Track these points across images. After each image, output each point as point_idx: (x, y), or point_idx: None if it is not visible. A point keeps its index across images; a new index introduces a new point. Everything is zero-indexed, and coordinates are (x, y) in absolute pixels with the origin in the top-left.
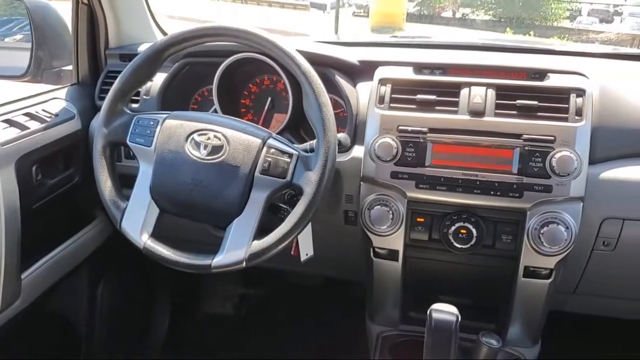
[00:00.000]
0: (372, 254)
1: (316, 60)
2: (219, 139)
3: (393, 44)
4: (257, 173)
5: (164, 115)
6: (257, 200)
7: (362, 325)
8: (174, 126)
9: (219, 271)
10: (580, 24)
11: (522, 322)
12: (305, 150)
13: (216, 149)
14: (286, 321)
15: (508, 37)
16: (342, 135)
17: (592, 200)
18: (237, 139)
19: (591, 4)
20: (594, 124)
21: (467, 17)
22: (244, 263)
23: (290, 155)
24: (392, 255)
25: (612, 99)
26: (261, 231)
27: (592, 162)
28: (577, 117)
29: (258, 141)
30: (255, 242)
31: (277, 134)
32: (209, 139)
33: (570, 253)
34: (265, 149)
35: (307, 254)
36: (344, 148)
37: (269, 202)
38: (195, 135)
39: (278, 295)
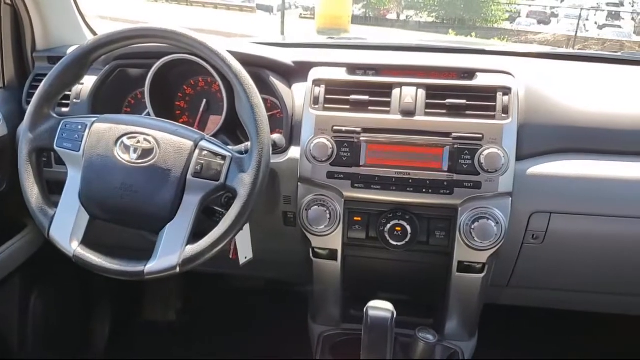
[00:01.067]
0: (311, 255)
1: (250, 61)
2: (149, 142)
3: (328, 45)
4: (189, 176)
5: (93, 119)
6: (190, 203)
7: (305, 326)
8: (103, 130)
9: (153, 278)
10: (520, 25)
11: (459, 316)
12: (240, 152)
13: (146, 153)
14: (229, 325)
15: (450, 39)
16: (277, 136)
17: (520, 195)
18: (168, 141)
19: (529, 6)
20: (520, 121)
21: (411, 19)
22: (178, 268)
23: (223, 157)
24: (331, 255)
25: (537, 97)
26: (196, 235)
27: (519, 158)
28: (503, 115)
29: (190, 143)
30: (189, 246)
31: (213, 135)
32: (138, 142)
33: (502, 247)
34: (197, 151)
35: (246, 257)
36: (279, 149)
37: (203, 206)
38: (124, 139)
39: (221, 298)
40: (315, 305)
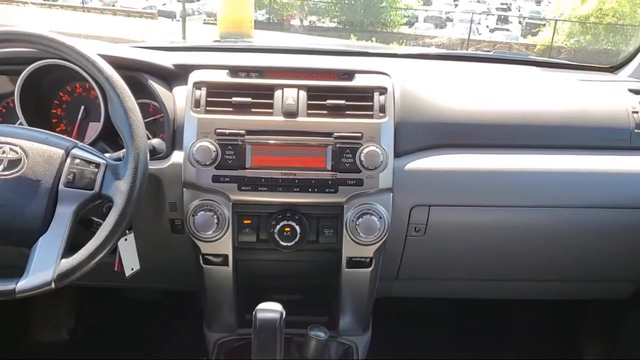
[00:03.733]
0: (201, 261)
1: (125, 65)
2: (16, 152)
3: (213, 48)
4: (61, 186)
5: None
6: (64, 215)
7: (202, 334)
8: None
9: (25, 295)
10: (418, 29)
11: (351, 311)
12: (117, 159)
13: (13, 163)
14: (125, 339)
15: (352, 43)
16: (156, 141)
17: (400, 190)
18: (37, 151)
19: (426, 11)
20: (396, 119)
21: (314, 24)
22: (53, 284)
23: (97, 165)
24: (221, 260)
25: (412, 96)
26: (72, 248)
27: (397, 155)
28: (381, 114)
29: (60, 152)
30: (64, 260)
31: (91, 143)
32: (4, 152)
33: (387, 241)
34: (69, 159)
35: (132, 269)
36: (160, 154)
37: (78, 217)
38: None
39: (116, 312)
40: (209, 313)
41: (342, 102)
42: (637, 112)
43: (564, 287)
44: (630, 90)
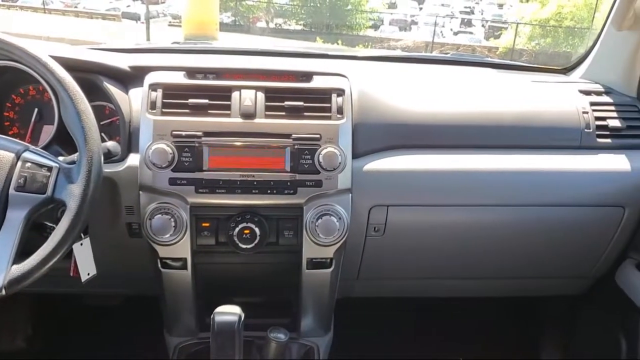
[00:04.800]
0: (159, 265)
1: (79, 67)
2: None
3: (172, 49)
4: (11, 190)
5: None
6: (14, 220)
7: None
8: None
9: None
10: (383, 32)
11: (313, 312)
12: (71, 162)
13: None
14: (85, 346)
15: (312, 45)
16: (111, 144)
17: (359, 190)
18: None
19: (391, 14)
20: (354, 121)
21: (280, 26)
22: (3, 291)
23: (49, 169)
24: (180, 264)
25: (369, 98)
26: (25, 254)
27: (355, 156)
28: (339, 116)
29: (10, 155)
30: (15, 266)
31: (45, 146)
32: None
33: (347, 241)
34: (20, 163)
35: (88, 274)
36: (115, 157)
37: (30, 221)
38: None
39: (76, 320)
40: (169, 317)
41: (300, 103)
42: (587, 113)
43: (521, 284)
44: (581, 91)
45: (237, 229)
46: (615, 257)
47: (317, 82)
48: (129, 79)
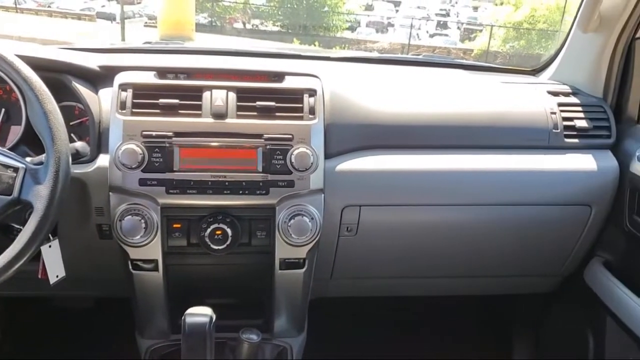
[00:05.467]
0: (130, 267)
1: (47, 67)
2: None
3: (141, 49)
4: None
5: None
6: None
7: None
8: None
9: None
10: (360, 34)
11: (286, 313)
12: (38, 163)
13: None
14: (56, 349)
15: (292, 46)
16: (80, 144)
17: (332, 191)
18: None
19: (368, 16)
20: (326, 121)
21: (257, 27)
22: None
23: (15, 169)
24: (151, 265)
25: (341, 98)
26: None
27: (328, 156)
28: (310, 116)
29: None
30: None
31: (12, 147)
32: None
33: (320, 241)
34: None
35: (57, 276)
36: (84, 157)
37: None
38: None
39: (46, 323)
40: (141, 319)
41: (272, 103)
42: (554, 113)
43: (493, 283)
44: (549, 92)
45: (208, 230)
46: (583, 255)
47: (289, 83)
48: (99, 79)
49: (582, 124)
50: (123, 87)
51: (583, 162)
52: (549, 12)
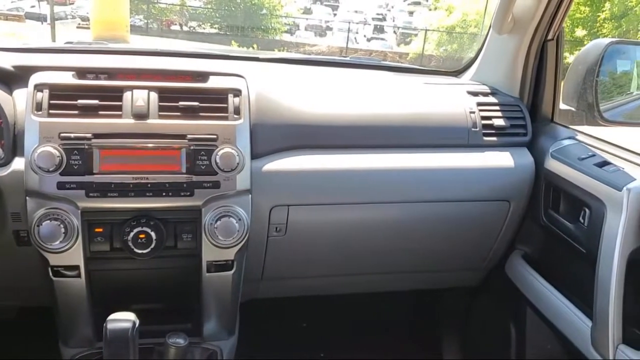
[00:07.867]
0: (51, 274)
1: None
2: None
3: (60, 49)
4: None
5: None
6: None
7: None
8: None
9: None
10: (299, 37)
11: (215, 316)
12: None
13: None
14: None
15: (222, 48)
16: None
17: (259, 191)
18: None
19: (307, 19)
20: (252, 121)
21: (194, 30)
22: None
23: None
24: (73, 272)
25: (267, 99)
26: None
27: (254, 156)
28: (236, 116)
29: None
30: None
31: None
32: None
33: (249, 242)
34: None
35: None
36: None
37: None
38: None
39: None
40: (64, 328)
41: (196, 103)
42: (474, 113)
43: (420, 278)
44: (469, 92)
45: (132, 234)
46: (504, 249)
47: (213, 82)
48: (13, 79)
49: (500, 122)
50: (39, 87)
51: (501, 159)
52: (479, 17)
